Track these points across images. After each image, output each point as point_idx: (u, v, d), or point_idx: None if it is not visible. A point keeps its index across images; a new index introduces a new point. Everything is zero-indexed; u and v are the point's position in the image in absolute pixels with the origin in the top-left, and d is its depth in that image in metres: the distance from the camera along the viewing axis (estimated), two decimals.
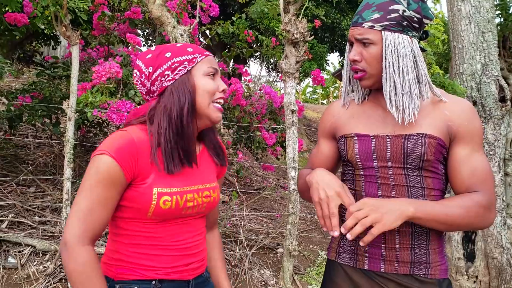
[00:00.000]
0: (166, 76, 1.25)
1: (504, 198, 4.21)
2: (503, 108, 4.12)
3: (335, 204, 1.23)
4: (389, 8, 1.27)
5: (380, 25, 1.28)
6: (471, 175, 1.27)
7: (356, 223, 1.18)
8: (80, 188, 1.17)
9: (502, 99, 4.13)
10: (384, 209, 1.17)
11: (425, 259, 1.31)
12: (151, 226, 1.25)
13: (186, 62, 1.26)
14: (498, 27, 4.87)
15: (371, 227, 1.17)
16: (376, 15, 1.28)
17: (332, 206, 1.23)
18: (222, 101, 1.33)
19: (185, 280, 1.31)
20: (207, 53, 1.33)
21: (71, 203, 3.02)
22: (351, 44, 1.36)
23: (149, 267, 1.25)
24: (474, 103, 4.12)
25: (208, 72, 1.28)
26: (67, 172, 2.97)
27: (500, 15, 5.06)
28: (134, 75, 1.32)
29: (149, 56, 1.29)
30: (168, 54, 1.27)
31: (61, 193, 3.87)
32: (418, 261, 1.30)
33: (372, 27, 1.28)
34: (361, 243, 1.20)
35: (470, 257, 4.05)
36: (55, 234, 3.41)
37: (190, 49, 1.29)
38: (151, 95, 1.30)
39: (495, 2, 4.62)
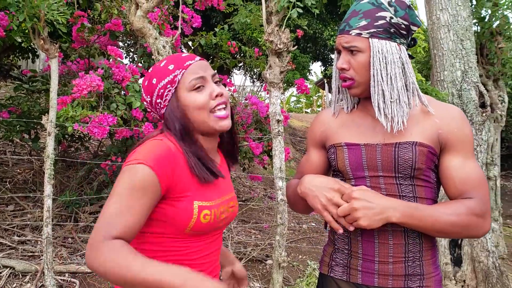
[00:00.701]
0: (159, 104, 1.23)
1: None
2: (484, 114, 4.18)
3: (339, 198, 1.22)
4: (376, 15, 1.26)
5: (367, 32, 1.26)
6: (464, 182, 1.25)
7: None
8: (110, 196, 1.09)
9: (482, 105, 4.19)
10: (363, 212, 1.16)
11: (419, 271, 1.28)
12: (183, 242, 1.19)
13: (169, 85, 1.21)
14: (476, 35, 4.97)
15: None
16: (363, 22, 1.26)
17: (338, 201, 1.22)
18: (223, 106, 1.24)
19: None
20: (189, 62, 1.24)
21: (52, 221, 2.93)
22: (339, 53, 1.34)
23: None
24: None
25: (191, 87, 1.21)
26: (48, 189, 2.88)
27: (477, 24, 5.17)
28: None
29: (145, 83, 1.27)
30: (154, 81, 1.23)
31: (41, 211, 3.76)
32: (412, 274, 1.28)
33: (359, 34, 1.26)
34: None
35: (457, 261, 4.07)
36: (36, 254, 3.30)
37: (171, 67, 1.23)
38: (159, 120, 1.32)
39: (472, 11, 4.71)
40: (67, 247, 3.53)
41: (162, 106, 1.23)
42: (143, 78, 1.37)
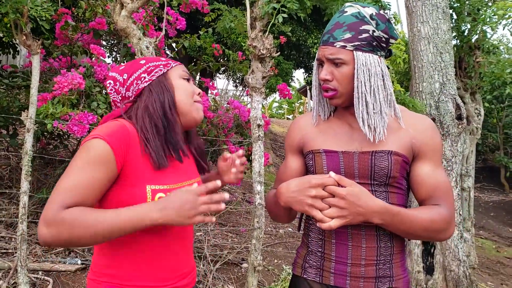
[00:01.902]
0: (143, 79, 1.27)
1: (461, 212, 4.35)
2: (460, 126, 4.29)
3: (323, 192, 1.20)
4: (360, 28, 1.30)
5: (351, 45, 1.29)
6: (434, 189, 1.31)
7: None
8: (66, 170, 1.09)
9: (459, 117, 4.30)
10: (349, 211, 1.17)
11: (389, 273, 1.33)
12: (146, 232, 1.18)
13: (161, 66, 1.30)
14: (455, 49, 5.10)
15: None
16: (348, 35, 1.30)
17: (324, 194, 1.20)
18: (200, 104, 1.36)
19: None
20: (175, 64, 1.37)
21: (28, 218, 2.90)
22: (321, 64, 1.37)
23: (142, 286, 1.19)
24: (433, 120, 4.27)
25: (183, 76, 1.33)
26: (25, 185, 2.85)
27: (456, 37, 5.31)
28: (108, 85, 1.30)
29: (123, 67, 1.31)
30: (142, 61, 1.31)
31: (16, 208, 3.71)
32: (383, 276, 1.32)
33: (344, 46, 1.30)
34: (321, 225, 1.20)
35: (429, 270, 4.15)
36: (9, 251, 3.26)
37: (163, 59, 1.35)
38: (125, 101, 1.29)
39: (452, 25, 4.84)
40: (42, 245, 3.49)
41: (146, 80, 1.27)
42: (114, 67, 1.41)
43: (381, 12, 1.35)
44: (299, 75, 45.78)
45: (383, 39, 1.32)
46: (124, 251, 1.19)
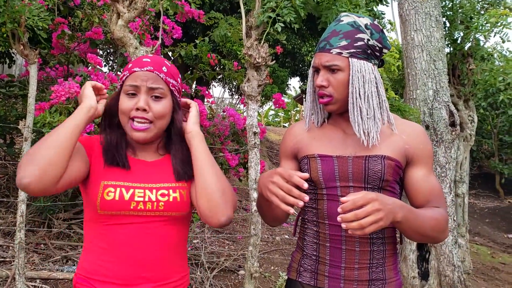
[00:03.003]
0: (119, 84, 1.39)
1: (455, 218, 4.39)
2: (453, 133, 4.33)
3: (282, 180, 1.18)
4: (355, 36, 1.35)
5: (347, 52, 1.34)
6: (430, 192, 1.36)
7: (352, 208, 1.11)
8: None
9: (452, 124, 4.34)
10: (385, 212, 1.12)
11: (382, 276, 1.36)
12: (105, 228, 1.27)
13: (120, 81, 1.36)
14: (448, 56, 5.17)
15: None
16: (344, 42, 1.34)
17: (281, 184, 1.18)
18: (141, 120, 1.29)
19: None
20: (136, 69, 1.30)
21: (25, 226, 2.91)
22: (317, 70, 1.41)
23: (104, 283, 1.25)
24: (427, 127, 4.32)
25: (126, 91, 1.30)
26: (22, 194, 2.86)
27: (450, 45, 5.37)
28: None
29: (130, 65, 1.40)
30: (130, 65, 1.35)
31: (14, 216, 3.71)
32: (375, 279, 1.35)
33: (340, 53, 1.34)
34: (344, 226, 1.13)
35: (424, 275, 4.17)
36: (7, 259, 3.26)
37: (130, 65, 1.34)
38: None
39: (445, 33, 4.91)
40: (39, 253, 3.50)
41: (117, 87, 1.39)
42: None
43: (375, 22, 1.40)
44: (294, 83, 45.91)
45: (377, 48, 1.37)
46: (86, 246, 1.32)
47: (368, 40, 1.35)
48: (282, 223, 1.53)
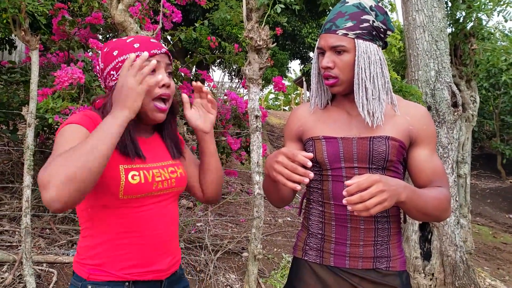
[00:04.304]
0: (112, 76, 1.26)
1: (457, 199, 4.42)
2: (455, 113, 4.33)
3: (287, 160, 1.19)
4: (361, 18, 1.35)
5: (353, 33, 1.34)
6: (433, 172, 1.38)
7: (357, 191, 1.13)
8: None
9: (454, 105, 4.34)
10: (389, 193, 1.14)
11: (386, 253, 1.39)
12: (125, 212, 1.22)
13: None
14: (450, 36, 5.13)
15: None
16: (350, 24, 1.35)
17: (286, 162, 1.19)
18: (166, 98, 1.27)
19: (159, 280, 1.30)
20: (154, 51, 1.26)
21: (31, 211, 2.94)
22: (322, 52, 1.41)
23: (123, 268, 1.23)
24: (429, 108, 4.31)
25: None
26: (27, 179, 2.89)
27: (451, 25, 5.33)
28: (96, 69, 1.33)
29: (105, 50, 1.29)
30: (115, 53, 1.26)
31: (19, 202, 3.75)
32: (380, 256, 1.38)
33: (346, 34, 1.35)
34: (349, 208, 1.14)
35: (426, 256, 4.22)
36: (14, 244, 3.30)
37: (136, 45, 1.26)
38: (107, 89, 1.31)
39: (447, 12, 4.86)
40: (45, 238, 3.54)
41: (114, 78, 1.26)
42: (106, 42, 1.37)
43: (379, 4, 1.41)
44: (295, 66, 45.65)
45: (382, 29, 1.38)
46: (99, 233, 1.24)
47: (373, 21, 1.36)
48: (288, 203, 1.55)
